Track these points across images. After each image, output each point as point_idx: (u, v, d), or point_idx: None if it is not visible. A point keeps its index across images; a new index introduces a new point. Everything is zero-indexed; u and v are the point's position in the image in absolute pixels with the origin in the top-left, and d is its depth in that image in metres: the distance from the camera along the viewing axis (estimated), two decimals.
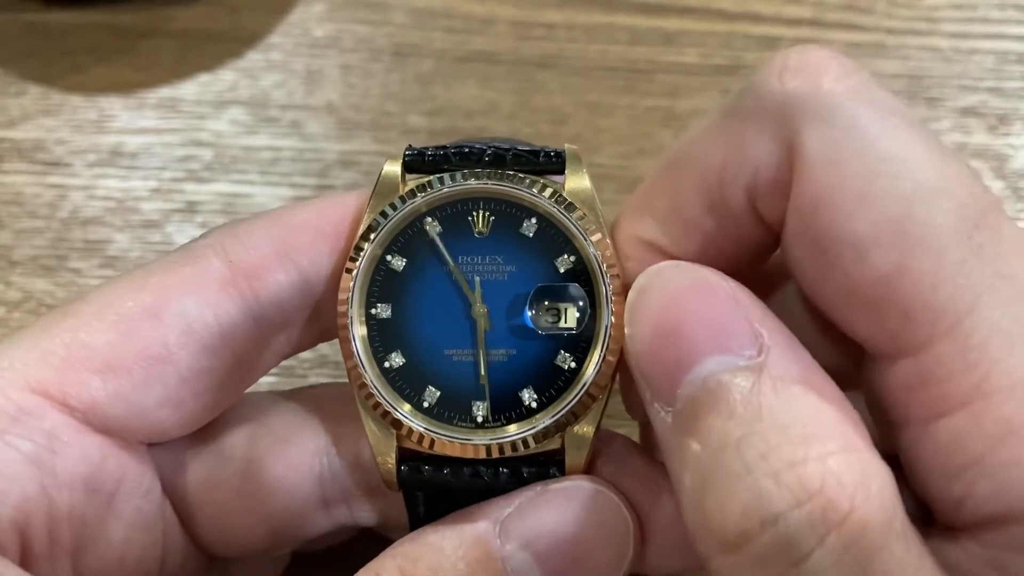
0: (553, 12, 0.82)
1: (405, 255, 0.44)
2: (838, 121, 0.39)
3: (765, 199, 0.41)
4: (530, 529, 0.42)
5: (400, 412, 0.43)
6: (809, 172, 0.39)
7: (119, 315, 0.43)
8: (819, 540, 0.34)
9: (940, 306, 0.37)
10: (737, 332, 0.38)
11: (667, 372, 0.38)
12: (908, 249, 0.37)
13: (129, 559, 0.45)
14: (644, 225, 0.44)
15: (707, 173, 0.42)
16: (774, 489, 0.34)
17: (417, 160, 0.45)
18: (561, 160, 0.44)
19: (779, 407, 0.36)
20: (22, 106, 0.76)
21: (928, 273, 0.37)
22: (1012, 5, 0.82)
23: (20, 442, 0.41)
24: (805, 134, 0.39)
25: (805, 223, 0.39)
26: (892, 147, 0.38)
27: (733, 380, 0.37)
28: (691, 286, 0.40)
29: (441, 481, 0.43)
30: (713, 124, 0.42)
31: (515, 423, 0.43)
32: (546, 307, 0.43)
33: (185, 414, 0.45)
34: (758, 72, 0.41)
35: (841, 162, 0.38)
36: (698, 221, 0.43)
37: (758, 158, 0.40)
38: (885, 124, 0.39)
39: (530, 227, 0.44)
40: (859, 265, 0.38)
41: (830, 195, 0.38)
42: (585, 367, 0.43)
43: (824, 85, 0.39)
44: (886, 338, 0.39)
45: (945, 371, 0.37)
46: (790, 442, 0.35)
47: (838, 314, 0.40)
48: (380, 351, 0.44)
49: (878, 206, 0.37)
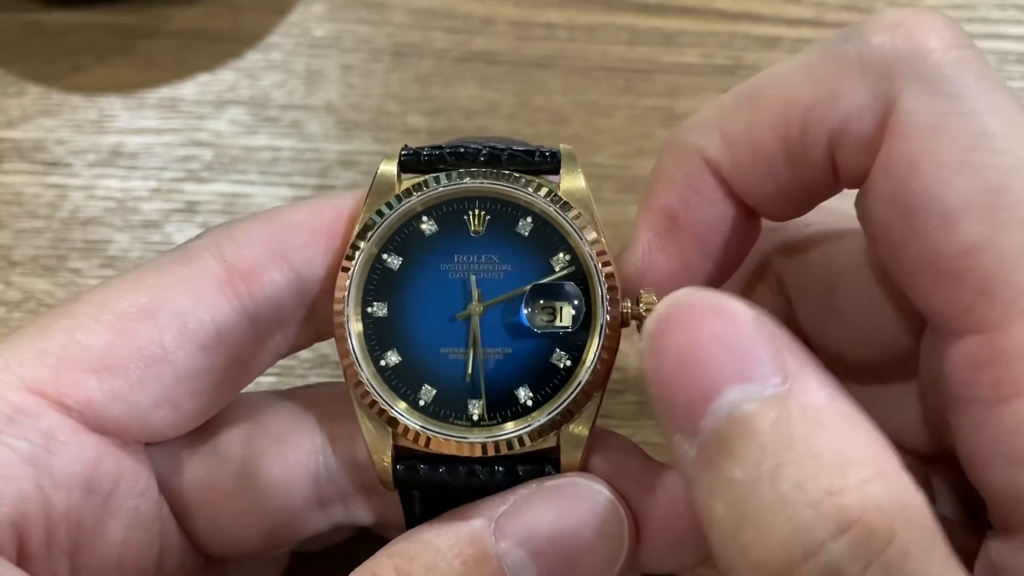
0: (553, 12, 0.82)
1: (401, 254, 0.44)
2: (944, 89, 0.38)
3: (848, 150, 0.40)
4: (525, 527, 0.42)
5: (396, 410, 0.43)
6: (908, 134, 0.38)
7: (115, 315, 0.43)
8: (863, 568, 0.33)
9: (1021, 285, 0.36)
10: (761, 360, 0.37)
11: (689, 402, 0.37)
12: (998, 223, 0.37)
13: (126, 559, 0.45)
14: (712, 142, 0.43)
15: (792, 107, 0.41)
16: (815, 519, 0.34)
17: (413, 160, 0.45)
18: (556, 160, 0.44)
19: (810, 435, 0.35)
20: (22, 106, 0.76)
21: (1014, 250, 0.36)
22: (1012, 5, 0.82)
23: (17, 442, 0.41)
24: (908, 95, 0.38)
25: (896, 185, 0.39)
26: (994, 122, 0.38)
27: (760, 410, 0.36)
28: (712, 314, 0.38)
29: (437, 479, 0.43)
30: (811, 61, 0.42)
31: (511, 421, 0.43)
32: (542, 306, 0.43)
33: (182, 414, 0.45)
34: (868, 21, 0.41)
35: (942, 129, 0.38)
36: (769, 153, 0.42)
37: (851, 108, 0.40)
38: (990, 99, 0.38)
39: (526, 226, 0.44)
40: (945, 233, 0.37)
41: (927, 160, 0.38)
42: (581, 365, 0.43)
43: (935, 51, 0.39)
44: (959, 312, 0.38)
45: (1019, 352, 0.36)
46: (826, 470, 0.34)
47: (913, 282, 0.40)
48: (376, 349, 0.44)
49: (974, 176, 0.37)
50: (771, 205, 0.44)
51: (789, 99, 0.41)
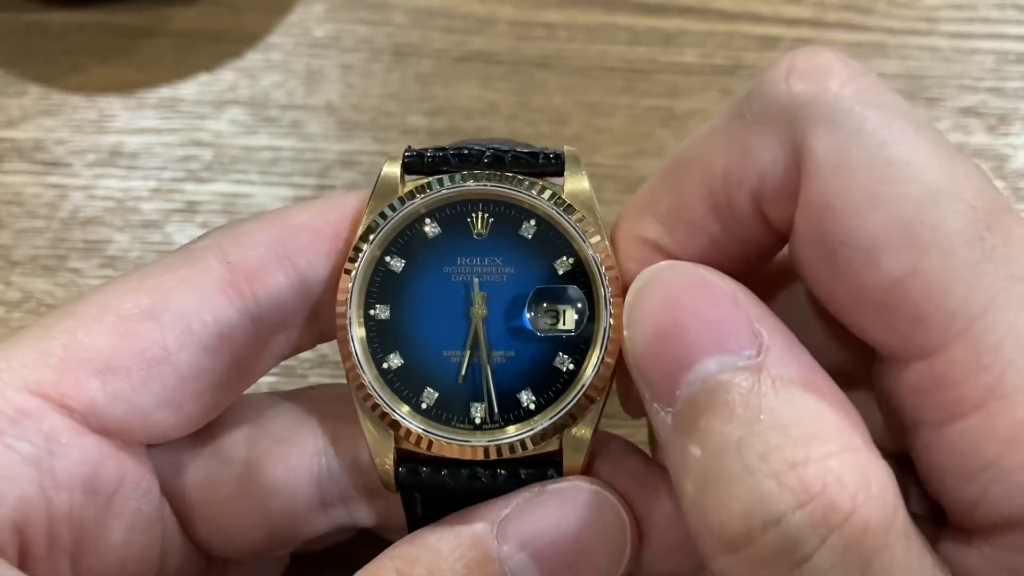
0: (553, 12, 0.82)
1: (404, 256, 0.44)
2: (846, 124, 0.38)
3: (771, 203, 0.41)
4: (527, 530, 0.42)
5: (398, 413, 0.43)
6: (818, 176, 0.38)
7: (118, 316, 0.43)
8: (820, 541, 0.34)
9: (953, 309, 0.36)
10: (736, 332, 0.38)
11: (666, 372, 0.38)
12: (919, 252, 0.37)
13: (128, 560, 0.45)
14: (647, 225, 0.43)
15: (712, 176, 0.41)
16: (776, 490, 0.34)
17: (416, 161, 0.45)
18: (560, 162, 0.44)
19: (779, 407, 0.36)
20: (22, 106, 0.76)
21: (940, 275, 0.37)
22: (1012, 5, 0.82)
23: (19, 443, 0.41)
24: (813, 138, 0.39)
25: (814, 227, 0.39)
26: (901, 150, 0.38)
27: (733, 380, 0.37)
28: (689, 285, 0.39)
29: (439, 482, 0.43)
30: (718, 127, 0.42)
31: (513, 425, 0.43)
32: (545, 309, 0.43)
33: (184, 415, 0.45)
34: (764, 75, 0.41)
35: (850, 166, 0.38)
36: (702, 223, 0.42)
37: (764, 162, 0.40)
38: (893, 127, 0.38)
39: (529, 229, 0.44)
40: (870, 268, 0.37)
41: (839, 199, 0.38)
42: (583, 369, 0.43)
43: (832, 88, 0.39)
44: (898, 341, 0.38)
45: (959, 374, 0.37)
46: (791, 443, 0.35)
47: (849, 317, 0.40)
48: (378, 352, 0.44)
49: (888, 209, 0.37)
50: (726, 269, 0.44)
51: (707, 168, 0.42)
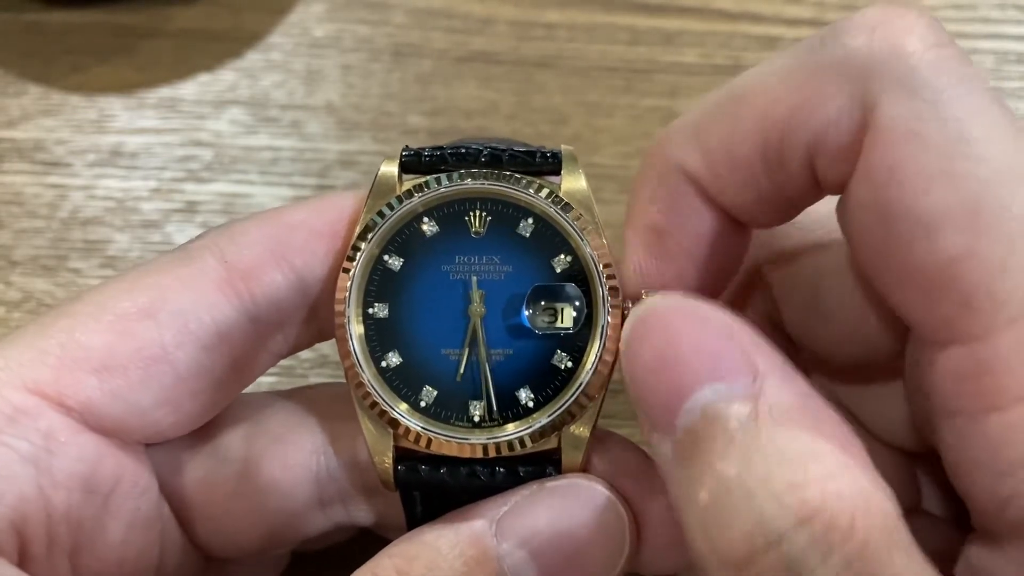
0: (553, 12, 0.82)
1: (402, 255, 0.44)
2: (923, 93, 0.37)
3: (828, 159, 0.40)
4: (526, 527, 0.42)
5: (397, 411, 0.43)
6: (886, 141, 0.37)
7: (115, 315, 0.43)
8: (822, 558, 0.34)
9: (1005, 295, 0.36)
10: (732, 362, 0.37)
11: (664, 402, 0.38)
12: (980, 233, 0.36)
13: (127, 559, 0.45)
14: (690, 154, 0.43)
15: (770, 118, 0.40)
16: (776, 510, 0.34)
17: (414, 160, 0.45)
18: (557, 161, 0.44)
19: (777, 432, 0.36)
20: (22, 106, 0.76)
21: (996, 260, 0.36)
22: (1012, 5, 0.82)
23: (17, 442, 0.41)
24: (887, 101, 0.38)
25: (875, 194, 0.38)
26: (975, 128, 0.37)
27: (730, 409, 0.36)
28: (686, 317, 0.39)
29: (438, 480, 0.43)
30: (786, 67, 0.41)
31: (512, 422, 0.43)
32: (543, 307, 0.43)
33: (182, 414, 0.45)
34: (846, 21, 0.39)
35: (922, 136, 0.37)
36: (748, 164, 0.41)
37: (829, 116, 0.39)
38: (972, 103, 0.37)
39: (527, 227, 0.44)
40: (927, 244, 0.37)
41: (906, 168, 0.37)
42: (582, 367, 0.43)
43: (915, 52, 0.38)
44: (942, 323, 0.38)
45: (1003, 363, 0.36)
46: (789, 464, 0.35)
47: (894, 292, 0.39)
48: (377, 350, 0.44)
49: (955, 185, 0.36)
50: (754, 214, 0.43)
51: (766, 109, 0.41)
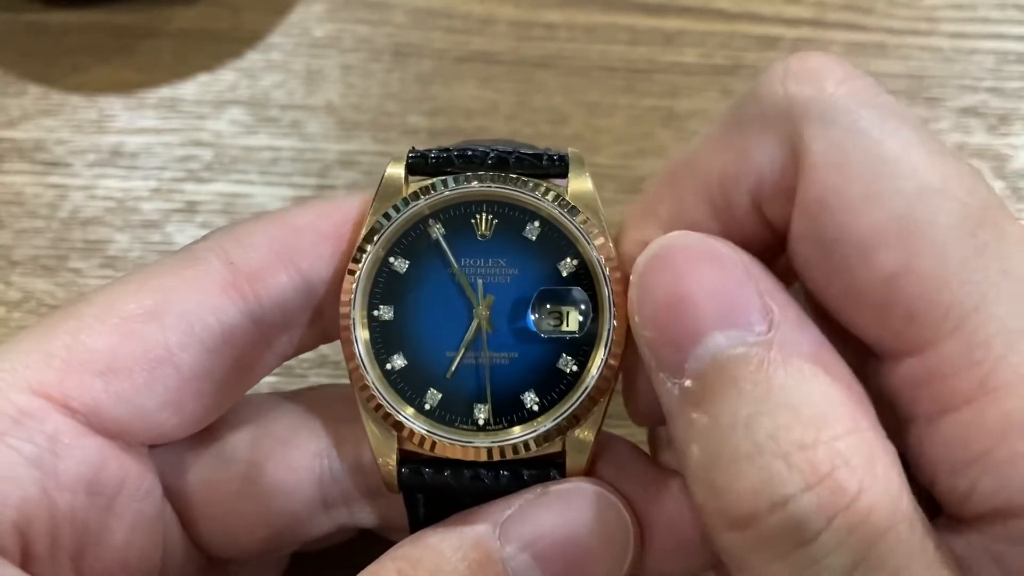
0: (553, 12, 0.82)
1: (408, 257, 0.44)
2: (841, 124, 0.39)
3: (770, 203, 0.41)
4: (530, 531, 0.42)
5: (401, 414, 0.43)
6: (813, 174, 0.39)
7: (120, 317, 0.43)
8: (826, 522, 0.35)
9: (945, 305, 0.37)
10: (747, 306, 0.38)
11: (674, 344, 0.38)
12: (912, 248, 0.37)
13: (130, 561, 0.45)
14: (648, 230, 0.43)
15: (710, 179, 0.42)
16: (785, 471, 0.35)
17: (420, 162, 0.45)
18: (564, 163, 0.44)
19: (789, 386, 0.37)
20: (22, 106, 0.76)
21: (933, 272, 0.37)
22: (1012, 5, 0.82)
23: (22, 444, 0.41)
24: (809, 137, 0.39)
25: (810, 224, 0.39)
26: (895, 149, 0.38)
27: (743, 355, 0.37)
28: (700, 256, 0.39)
29: (442, 483, 0.43)
30: (716, 131, 0.42)
31: (517, 426, 0.43)
32: (548, 310, 0.43)
33: (186, 416, 0.45)
34: (760, 79, 0.41)
35: (845, 164, 0.38)
36: (702, 226, 0.42)
37: (762, 163, 0.40)
38: (887, 126, 0.39)
39: (533, 230, 0.44)
40: (864, 265, 0.38)
41: (834, 196, 0.38)
42: (587, 370, 0.43)
43: (827, 89, 0.39)
44: (892, 337, 0.39)
45: (951, 368, 0.37)
46: (800, 423, 0.36)
47: (844, 314, 0.40)
48: (382, 353, 0.44)
49: (881, 206, 0.38)
50: None
51: (705, 172, 0.42)
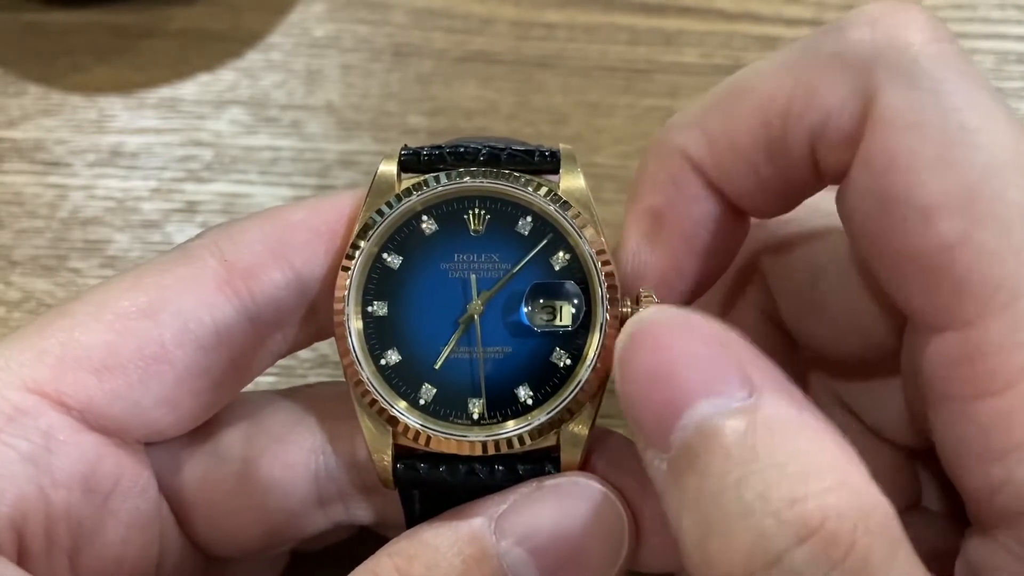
0: (553, 12, 0.82)
1: (401, 253, 0.44)
2: (923, 84, 0.38)
3: (829, 147, 0.40)
4: (525, 525, 0.42)
5: (396, 409, 0.43)
6: (886, 130, 0.38)
7: (115, 315, 0.43)
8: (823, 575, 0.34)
9: (998, 281, 0.36)
10: (727, 374, 0.37)
11: (659, 418, 0.38)
12: (975, 219, 0.37)
13: (126, 558, 0.45)
14: (694, 140, 0.43)
15: (773, 106, 0.41)
16: (776, 528, 0.34)
17: (413, 159, 0.45)
18: (556, 159, 0.44)
19: (775, 446, 0.36)
20: (22, 106, 0.76)
21: (991, 247, 0.37)
22: (1012, 5, 0.82)
23: (17, 441, 0.41)
24: (887, 91, 0.38)
25: (874, 180, 0.39)
26: (973, 118, 0.38)
27: (727, 423, 0.36)
28: (678, 330, 0.39)
29: (437, 478, 0.43)
30: (789, 59, 0.42)
31: (511, 420, 0.43)
32: (541, 305, 0.43)
33: (182, 413, 0.45)
34: (848, 16, 0.40)
35: (921, 125, 0.38)
36: (750, 152, 0.42)
37: (830, 104, 0.40)
38: (970, 94, 0.38)
39: (525, 225, 0.44)
40: (923, 230, 0.37)
41: (905, 156, 0.38)
42: (580, 364, 0.43)
43: (915, 44, 0.39)
44: (936, 308, 0.38)
45: (994, 348, 0.37)
46: (787, 480, 0.35)
47: (891, 278, 0.40)
48: (376, 348, 0.44)
49: (952, 173, 0.37)
50: (755, 202, 0.44)
51: (769, 97, 0.42)
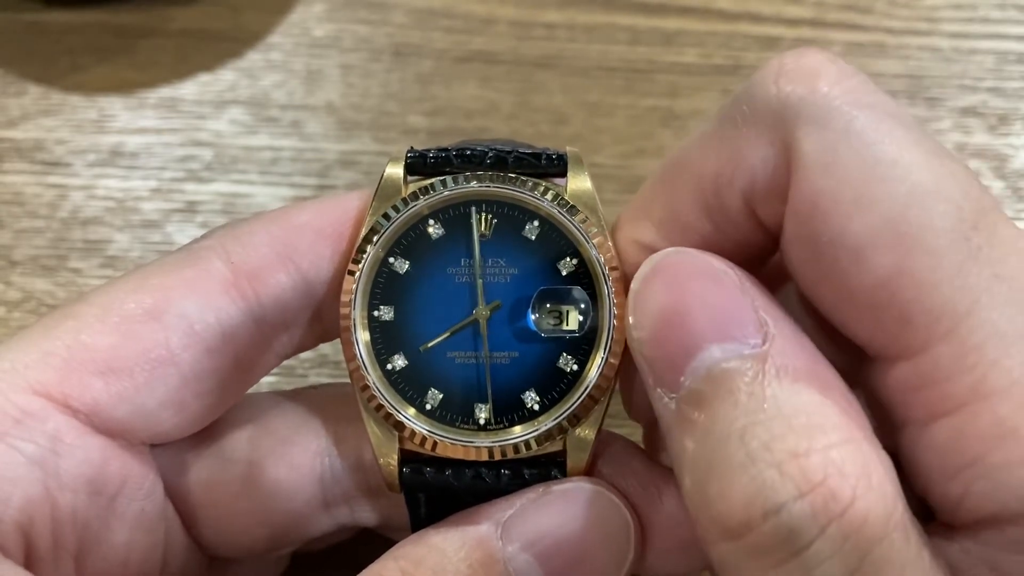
0: (553, 12, 0.82)
1: (408, 258, 0.44)
2: (834, 124, 0.39)
3: (763, 203, 0.41)
4: (531, 530, 0.42)
5: (402, 414, 0.43)
6: (806, 175, 0.39)
7: (121, 317, 0.43)
8: (820, 531, 0.34)
9: (938, 309, 0.37)
10: (742, 320, 0.38)
11: (670, 358, 0.38)
12: (905, 251, 0.37)
13: (131, 560, 0.45)
14: (642, 229, 0.44)
15: (703, 179, 0.42)
16: (777, 479, 0.35)
17: (419, 162, 0.45)
18: (563, 163, 0.44)
19: (783, 397, 0.36)
20: (22, 106, 0.76)
21: (926, 275, 0.37)
22: (1012, 5, 0.82)
23: (23, 444, 0.41)
24: (802, 137, 0.39)
25: (802, 226, 0.39)
26: (888, 150, 0.38)
27: (737, 368, 0.37)
28: (695, 272, 0.40)
29: (443, 483, 0.43)
30: (709, 130, 0.42)
31: (518, 425, 0.43)
32: (548, 310, 0.43)
33: (187, 415, 0.45)
34: (753, 78, 0.41)
35: (837, 165, 0.38)
36: (695, 225, 0.43)
37: (755, 163, 0.40)
38: (881, 127, 0.39)
39: (532, 230, 0.44)
40: (857, 268, 0.38)
41: (827, 198, 0.38)
42: (587, 369, 0.43)
43: (820, 89, 0.39)
44: (885, 341, 0.39)
45: (943, 373, 0.37)
46: (793, 432, 0.35)
47: (837, 317, 0.40)
48: (383, 353, 0.44)
49: (874, 209, 0.37)
50: None
51: (699, 172, 0.42)
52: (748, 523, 0.35)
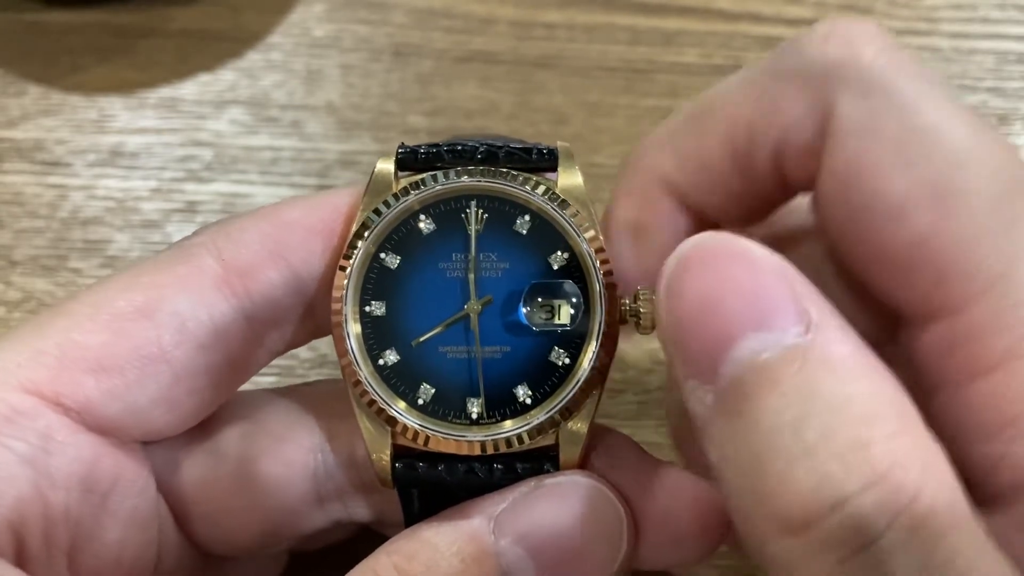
0: (553, 12, 0.82)
1: (399, 253, 0.44)
2: (877, 90, 0.39)
3: (792, 160, 0.41)
4: (524, 524, 0.42)
5: (395, 409, 0.43)
6: (846, 139, 0.39)
7: (112, 314, 0.43)
8: (888, 523, 0.33)
9: (975, 268, 0.37)
10: (783, 308, 0.36)
11: (707, 348, 0.36)
12: (944, 211, 0.37)
13: (125, 558, 0.45)
14: (666, 158, 0.44)
15: (736, 125, 0.42)
16: (841, 471, 0.34)
17: (410, 158, 0.45)
18: (553, 157, 0.44)
19: (834, 386, 0.35)
20: (22, 106, 0.76)
21: (963, 235, 0.37)
22: (1012, 5, 0.82)
23: (14, 443, 0.41)
24: (843, 101, 0.39)
25: (841, 186, 0.40)
26: (930, 118, 0.39)
27: (783, 358, 0.35)
28: (732, 257, 0.37)
29: (436, 478, 0.43)
30: (749, 78, 0.43)
31: (510, 419, 0.43)
32: (540, 304, 0.43)
33: (179, 413, 0.45)
34: (803, 35, 0.41)
35: (878, 130, 0.39)
36: (719, 168, 0.43)
37: (791, 119, 0.41)
38: (924, 97, 0.39)
39: (523, 224, 0.44)
40: (895, 227, 0.38)
41: (867, 161, 0.39)
42: (579, 363, 0.43)
43: (866, 56, 0.40)
44: (920, 301, 0.39)
45: (979, 332, 0.37)
46: (851, 423, 0.34)
47: (873, 277, 0.40)
48: (374, 348, 0.44)
49: (914, 170, 0.38)
50: (728, 214, 0.45)
51: (733, 117, 0.43)
52: (812, 517, 0.34)
